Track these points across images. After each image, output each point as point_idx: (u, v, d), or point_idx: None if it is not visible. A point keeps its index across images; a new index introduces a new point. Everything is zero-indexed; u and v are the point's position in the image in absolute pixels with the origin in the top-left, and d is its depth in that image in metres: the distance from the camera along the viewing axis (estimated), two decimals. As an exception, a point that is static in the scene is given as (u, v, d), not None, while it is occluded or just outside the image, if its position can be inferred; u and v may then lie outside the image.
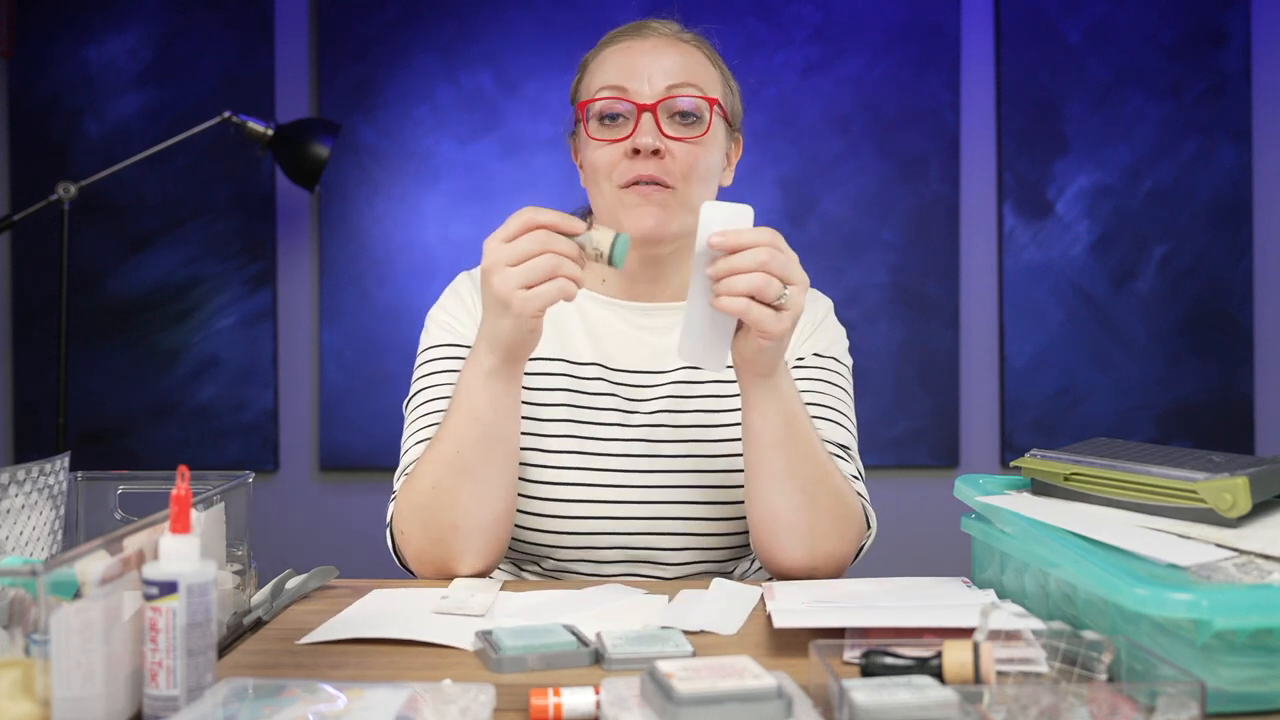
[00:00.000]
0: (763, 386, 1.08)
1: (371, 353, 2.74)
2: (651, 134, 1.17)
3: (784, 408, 1.09)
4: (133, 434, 2.72)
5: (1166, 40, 2.79)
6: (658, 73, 1.19)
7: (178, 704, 0.71)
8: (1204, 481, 0.92)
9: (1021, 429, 2.80)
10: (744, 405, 1.11)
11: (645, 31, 1.24)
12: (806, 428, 1.11)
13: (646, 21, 1.25)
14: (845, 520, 1.15)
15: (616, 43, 1.24)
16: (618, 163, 1.19)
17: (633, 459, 1.23)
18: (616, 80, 1.20)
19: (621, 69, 1.20)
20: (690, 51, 1.23)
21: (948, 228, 2.79)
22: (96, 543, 0.72)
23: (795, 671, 0.76)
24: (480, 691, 0.73)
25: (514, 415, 1.12)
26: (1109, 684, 0.74)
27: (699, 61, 1.23)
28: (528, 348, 1.08)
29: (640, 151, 1.17)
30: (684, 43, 1.24)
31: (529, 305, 1.00)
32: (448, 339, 1.27)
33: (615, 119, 1.20)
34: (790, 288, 1.00)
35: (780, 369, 1.08)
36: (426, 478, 1.12)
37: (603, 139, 1.20)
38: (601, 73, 1.22)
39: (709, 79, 1.23)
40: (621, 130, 1.20)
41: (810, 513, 1.12)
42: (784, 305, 1.00)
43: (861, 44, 2.77)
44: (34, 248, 2.68)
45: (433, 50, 2.74)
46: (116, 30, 2.72)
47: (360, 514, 2.70)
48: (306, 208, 2.77)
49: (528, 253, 1.00)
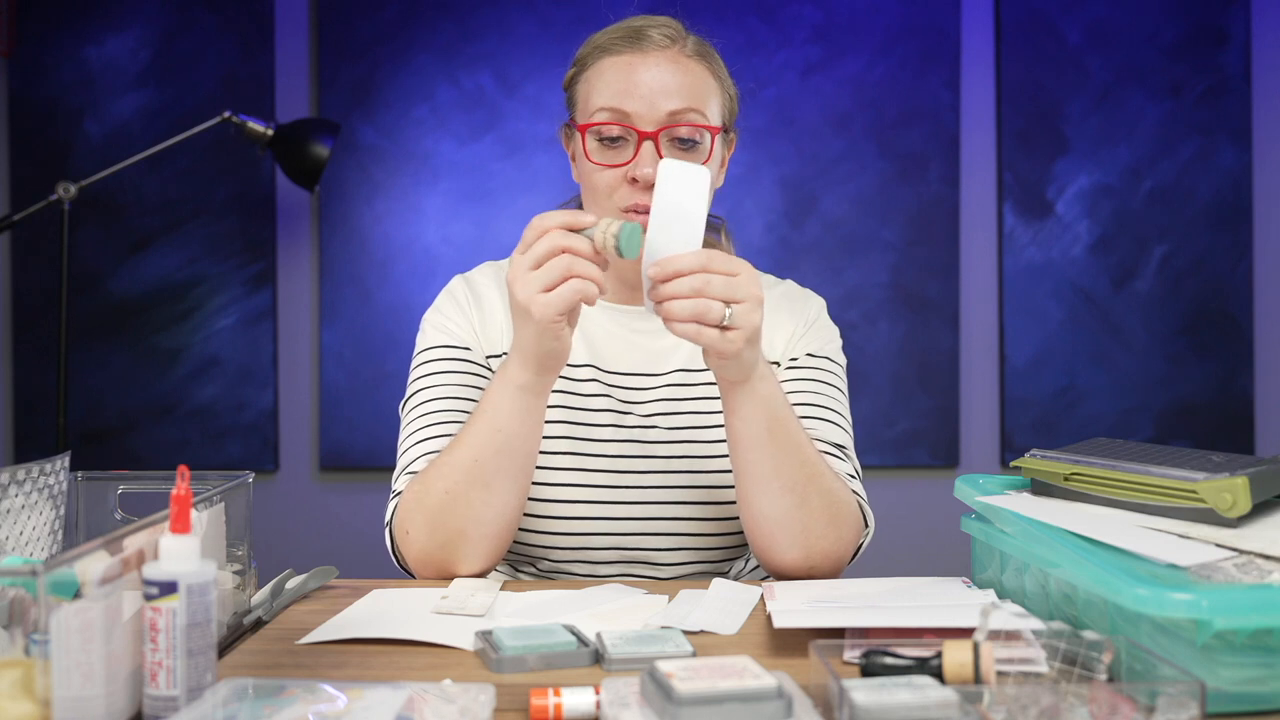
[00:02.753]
0: (740, 391, 1.08)
1: (371, 353, 2.74)
2: (651, 164, 1.16)
3: (765, 411, 1.09)
4: (133, 434, 2.72)
5: (1166, 40, 2.79)
6: (659, 95, 1.18)
7: (178, 704, 0.71)
8: (1204, 481, 0.92)
9: (1021, 429, 2.80)
10: (724, 409, 1.11)
11: (645, 44, 1.20)
12: (791, 428, 1.11)
13: (646, 28, 1.22)
14: (840, 520, 1.15)
15: (615, 53, 1.21)
16: (617, 186, 1.19)
17: (627, 460, 1.24)
18: (616, 103, 1.18)
19: (621, 89, 1.18)
20: (691, 68, 1.21)
21: (948, 228, 2.79)
22: (96, 543, 0.72)
23: (795, 671, 0.76)
24: (480, 691, 0.73)
25: (537, 430, 1.12)
26: (1109, 684, 0.74)
27: (700, 79, 1.21)
28: (558, 360, 1.07)
29: (639, 180, 1.17)
30: (687, 59, 1.21)
31: (548, 310, 1.00)
32: (443, 340, 1.27)
33: (616, 142, 1.19)
34: (735, 307, 0.99)
35: (757, 374, 1.07)
36: (440, 481, 1.12)
37: (602, 163, 1.20)
38: (600, 89, 1.20)
39: (709, 98, 1.21)
40: (621, 154, 1.19)
41: (801, 513, 1.12)
42: (731, 325, 0.99)
43: (861, 44, 2.77)
44: (34, 248, 2.68)
45: (433, 50, 2.74)
46: (116, 30, 2.72)
47: (360, 514, 2.70)
48: (306, 208, 2.77)
49: (543, 256, 1.00)
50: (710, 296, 0.98)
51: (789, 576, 1.16)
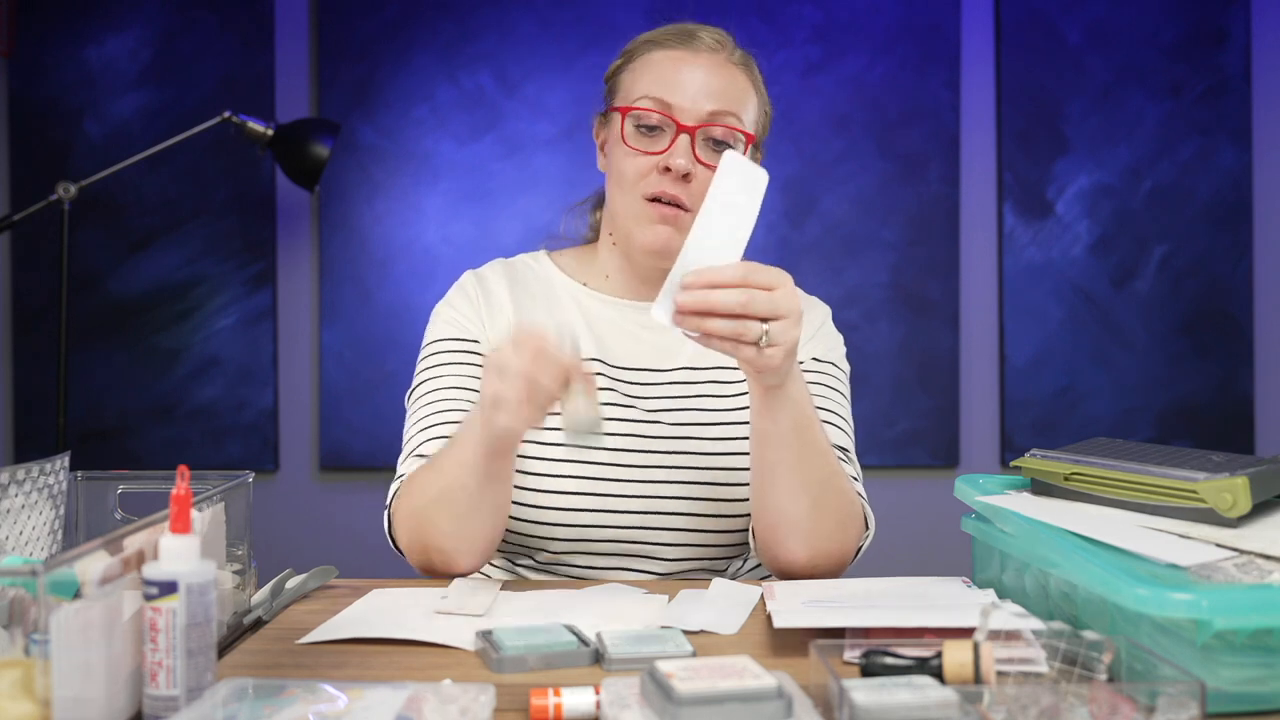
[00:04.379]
0: (773, 394, 1.08)
1: (371, 353, 2.74)
2: (685, 156, 1.19)
3: (794, 412, 1.08)
4: (133, 434, 2.72)
5: (1166, 40, 2.79)
6: (702, 94, 1.21)
7: (178, 704, 0.71)
8: (1204, 481, 0.92)
9: (1021, 429, 2.80)
10: (753, 406, 1.10)
11: (696, 43, 1.24)
12: (815, 430, 1.11)
13: (698, 31, 1.25)
14: (848, 520, 1.16)
15: (666, 48, 1.25)
16: (647, 174, 1.22)
17: (630, 454, 1.24)
18: (661, 93, 1.21)
19: (667, 81, 1.21)
20: (736, 76, 1.24)
21: (948, 228, 2.79)
22: (96, 543, 0.72)
23: (795, 671, 0.76)
24: (480, 691, 0.73)
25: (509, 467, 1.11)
26: (1109, 684, 0.74)
27: (743, 87, 1.25)
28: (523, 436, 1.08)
29: (671, 170, 1.19)
30: (733, 65, 1.25)
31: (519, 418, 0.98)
32: (453, 333, 1.29)
33: (653, 131, 1.22)
34: (773, 324, 0.96)
35: (790, 377, 1.07)
36: (416, 498, 1.14)
37: (637, 149, 1.22)
38: (647, 78, 1.23)
39: (748, 107, 1.25)
40: (657, 144, 1.22)
41: (816, 512, 1.12)
42: (770, 343, 0.97)
43: (861, 44, 2.77)
44: (34, 248, 2.68)
45: (433, 50, 2.74)
46: (116, 30, 2.72)
47: (360, 514, 2.70)
48: (306, 208, 2.77)
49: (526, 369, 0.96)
50: (751, 316, 0.95)
51: (791, 575, 1.16)
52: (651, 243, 1.22)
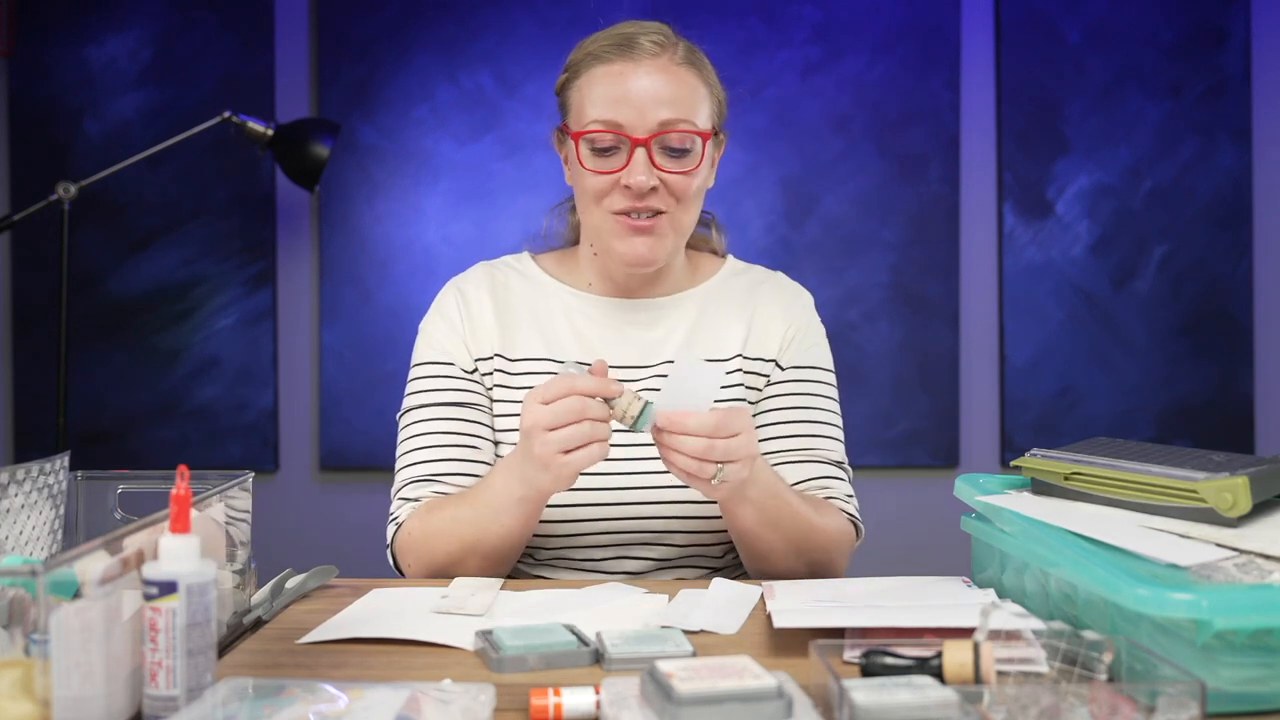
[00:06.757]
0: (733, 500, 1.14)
1: (371, 353, 2.74)
2: (645, 171, 1.19)
3: (757, 508, 1.15)
4: (133, 434, 2.72)
5: (1166, 40, 2.79)
6: (651, 105, 1.20)
7: (178, 704, 0.71)
8: (1204, 481, 0.92)
9: (1021, 429, 2.80)
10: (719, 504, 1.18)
11: (637, 51, 1.22)
12: (785, 511, 1.17)
13: (636, 35, 1.24)
14: (833, 553, 1.23)
15: (607, 61, 1.23)
16: (610, 191, 1.22)
17: (621, 447, 1.26)
18: (609, 114, 1.20)
19: (613, 99, 1.21)
20: (683, 76, 1.23)
21: (948, 228, 2.79)
22: (96, 543, 0.72)
23: (795, 671, 0.76)
24: (480, 691, 0.73)
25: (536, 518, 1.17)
26: (1109, 684, 0.74)
27: (691, 86, 1.23)
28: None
29: (631, 188, 1.20)
30: (676, 66, 1.23)
31: (566, 469, 1.05)
32: (434, 356, 1.31)
33: (608, 151, 1.22)
34: (729, 465, 1.04)
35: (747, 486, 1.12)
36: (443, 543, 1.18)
37: (595, 170, 1.22)
38: (593, 98, 1.22)
39: (698, 105, 1.23)
40: (615, 161, 1.21)
41: (798, 559, 1.20)
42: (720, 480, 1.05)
43: (861, 44, 2.77)
44: (34, 248, 2.68)
45: (433, 50, 2.74)
46: (116, 30, 2.72)
47: (360, 514, 2.69)
48: (306, 208, 2.77)
49: (564, 419, 1.03)
50: (709, 460, 1.04)
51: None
52: (630, 256, 1.24)
